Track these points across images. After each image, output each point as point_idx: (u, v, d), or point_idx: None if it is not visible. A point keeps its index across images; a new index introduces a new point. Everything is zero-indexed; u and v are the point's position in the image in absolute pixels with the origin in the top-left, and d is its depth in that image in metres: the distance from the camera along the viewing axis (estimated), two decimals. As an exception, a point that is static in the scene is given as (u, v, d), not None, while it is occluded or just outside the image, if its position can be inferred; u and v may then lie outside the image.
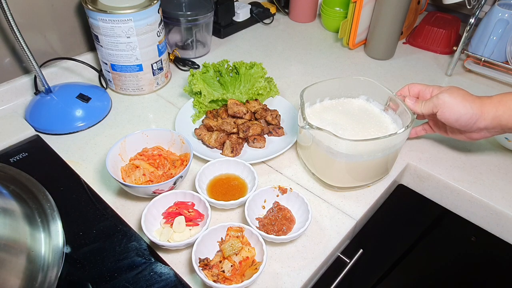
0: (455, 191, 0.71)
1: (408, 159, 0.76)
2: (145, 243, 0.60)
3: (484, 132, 0.65)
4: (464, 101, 0.62)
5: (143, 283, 0.55)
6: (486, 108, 0.61)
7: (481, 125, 0.62)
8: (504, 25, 0.92)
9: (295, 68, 1.02)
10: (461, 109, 0.62)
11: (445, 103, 0.63)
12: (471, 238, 0.80)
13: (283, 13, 1.26)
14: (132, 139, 0.69)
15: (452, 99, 0.62)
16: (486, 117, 0.61)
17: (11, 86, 0.83)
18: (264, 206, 0.64)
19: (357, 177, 0.67)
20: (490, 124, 0.62)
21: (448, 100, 0.62)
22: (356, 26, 1.02)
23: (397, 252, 0.99)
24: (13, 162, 0.71)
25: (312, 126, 0.60)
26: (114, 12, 0.76)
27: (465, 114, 0.62)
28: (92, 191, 0.68)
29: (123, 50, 0.81)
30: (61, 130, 0.79)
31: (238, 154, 0.74)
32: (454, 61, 0.97)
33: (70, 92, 0.82)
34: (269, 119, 0.79)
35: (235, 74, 0.88)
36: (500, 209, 0.67)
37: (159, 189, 0.62)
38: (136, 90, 0.89)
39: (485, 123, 0.62)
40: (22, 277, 0.48)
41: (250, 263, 0.55)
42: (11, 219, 0.52)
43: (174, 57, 1.00)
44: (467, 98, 0.62)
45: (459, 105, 0.62)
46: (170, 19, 0.96)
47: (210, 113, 0.81)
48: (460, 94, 0.63)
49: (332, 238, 0.62)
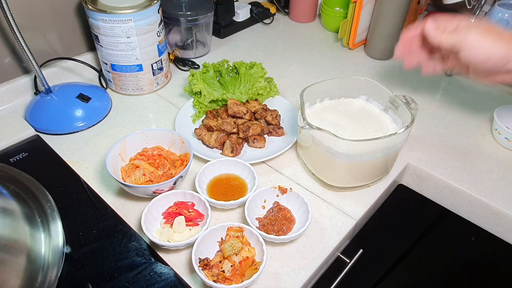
0: (455, 191, 0.71)
1: (408, 159, 0.76)
2: (145, 243, 0.60)
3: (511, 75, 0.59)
4: (496, 40, 0.56)
5: (143, 283, 0.55)
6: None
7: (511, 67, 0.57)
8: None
9: (295, 68, 1.02)
10: (493, 49, 0.56)
11: (474, 43, 0.56)
12: (471, 238, 0.80)
13: (283, 13, 1.26)
14: (132, 139, 0.69)
15: (482, 38, 0.56)
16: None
17: (11, 86, 0.83)
18: (264, 206, 0.64)
19: (357, 177, 0.67)
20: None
21: (477, 39, 0.56)
22: (356, 26, 1.02)
23: (397, 252, 0.99)
24: (13, 162, 0.71)
25: (312, 126, 0.60)
26: (114, 12, 0.76)
27: (496, 54, 0.56)
28: (92, 191, 0.68)
29: (123, 50, 0.81)
30: (61, 130, 0.79)
31: (238, 154, 0.74)
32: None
33: (70, 92, 0.82)
34: (269, 119, 0.79)
35: (235, 74, 0.88)
36: (500, 209, 0.67)
37: (159, 189, 0.62)
38: (136, 90, 0.89)
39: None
40: (22, 277, 0.48)
41: (250, 263, 0.55)
42: (11, 219, 0.52)
43: (174, 57, 1.00)
44: (501, 37, 0.56)
45: (491, 45, 0.56)
46: (170, 19, 0.96)
47: (210, 113, 0.81)
48: (493, 31, 0.56)
49: (332, 238, 0.62)
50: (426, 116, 0.86)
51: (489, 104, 0.89)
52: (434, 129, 0.82)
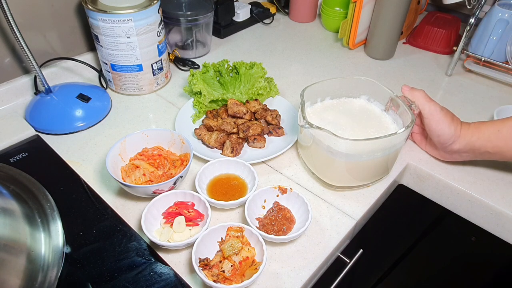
0: (455, 191, 0.71)
1: (408, 159, 0.76)
2: (145, 243, 0.60)
3: (456, 155, 0.69)
4: (452, 122, 0.66)
5: (143, 283, 0.55)
6: (463, 132, 0.66)
7: (455, 148, 0.67)
8: (504, 25, 0.92)
9: (295, 68, 1.02)
10: (446, 128, 0.65)
11: (436, 114, 0.66)
12: (471, 238, 0.80)
13: (283, 13, 1.26)
14: (132, 139, 0.69)
15: (442, 116, 0.66)
16: (461, 141, 0.66)
17: (11, 86, 0.83)
18: (264, 206, 0.64)
19: (357, 177, 0.67)
20: (463, 148, 0.66)
21: (439, 113, 0.66)
22: (356, 26, 1.02)
23: (397, 252, 0.99)
24: (13, 162, 0.71)
25: (312, 125, 0.60)
26: (114, 12, 0.76)
27: (447, 133, 0.66)
28: (92, 191, 0.68)
29: (123, 50, 0.81)
30: (61, 130, 0.79)
31: (238, 154, 0.74)
32: (454, 61, 0.97)
33: (70, 92, 0.82)
34: (269, 119, 0.79)
35: (235, 74, 0.88)
36: (500, 209, 0.67)
37: (159, 189, 0.62)
38: (136, 90, 0.89)
39: (459, 146, 0.66)
40: (22, 277, 0.48)
41: (250, 263, 0.55)
42: (11, 219, 0.52)
43: (174, 57, 1.00)
44: (454, 120, 0.66)
45: (445, 123, 0.65)
46: (170, 19, 0.96)
47: (210, 113, 0.81)
48: (449, 114, 0.67)
49: (332, 238, 0.62)
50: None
51: (489, 104, 0.89)
52: (434, 129, 0.82)
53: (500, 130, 0.63)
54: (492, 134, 0.64)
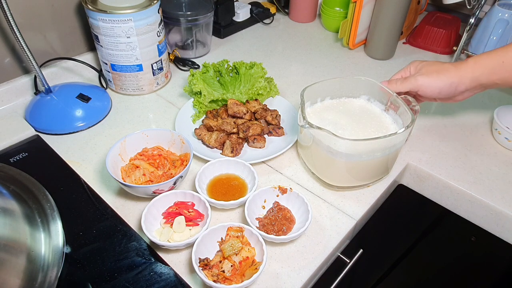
0: (455, 191, 0.71)
1: (408, 159, 0.76)
2: (145, 243, 0.60)
3: (467, 92, 0.67)
4: (439, 75, 0.65)
5: (143, 283, 0.55)
6: (462, 72, 0.64)
7: (462, 89, 0.66)
8: (504, 25, 0.92)
9: (295, 68, 1.02)
10: (439, 83, 0.65)
11: (423, 85, 0.66)
12: (471, 238, 0.80)
13: (283, 13, 1.26)
14: (132, 139, 0.69)
15: (427, 79, 0.65)
16: (464, 81, 0.65)
17: (11, 86, 0.83)
18: (264, 206, 0.64)
19: (357, 177, 0.67)
20: (470, 85, 0.65)
21: (424, 81, 0.66)
22: (356, 26, 1.02)
23: (397, 252, 0.99)
24: (13, 162, 0.71)
25: (312, 125, 0.60)
26: (114, 12, 0.76)
27: (444, 85, 0.65)
28: (92, 191, 0.68)
29: (123, 50, 0.81)
30: (61, 130, 0.79)
31: (238, 154, 0.74)
32: (454, 61, 0.97)
33: (70, 92, 0.82)
34: (269, 119, 0.79)
35: (235, 74, 0.88)
36: (500, 209, 0.67)
37: (159, 189, 0.62)
38: (136, 90, 0.89)
39: (465, 86, 0.65)
40: (22, 277, 0.48)
41: (250, 263, 0.55)
42: (11, 219, 0.52)
43: (174, 57, 1.00)
44: (441, 70, 0.65)
45: (437, 81, 0.65)
46: (170, 19, 0.96)
47: (210, 113, 0.81)
48: (433, 69, 0.66)
49: (332, 238, 0.62)
50: (426, 116, 0.86)
51: (489, 104, 0.89)
52: (434, 129, 0.82)
53: (504, 62, 0.62)
54: (496, 66, 0.63)
